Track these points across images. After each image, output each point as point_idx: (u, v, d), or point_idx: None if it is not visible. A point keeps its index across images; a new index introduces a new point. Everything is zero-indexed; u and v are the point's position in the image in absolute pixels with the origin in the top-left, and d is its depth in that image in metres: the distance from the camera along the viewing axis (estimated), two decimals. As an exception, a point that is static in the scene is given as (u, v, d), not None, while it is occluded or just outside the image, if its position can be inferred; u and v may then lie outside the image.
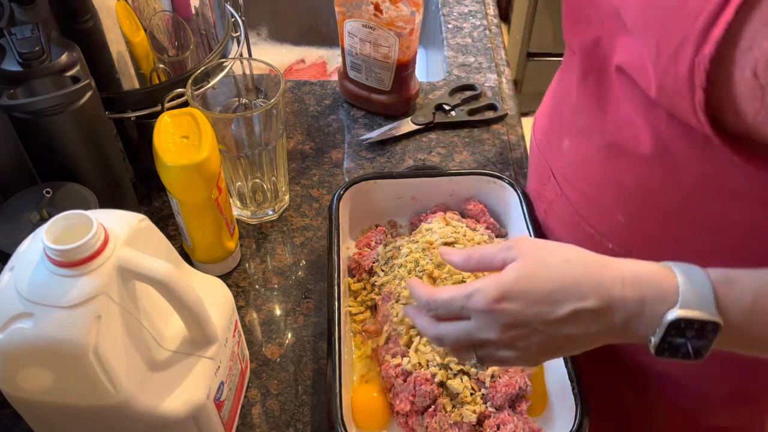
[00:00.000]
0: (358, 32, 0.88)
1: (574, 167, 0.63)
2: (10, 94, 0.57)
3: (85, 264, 0.44)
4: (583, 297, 0.46)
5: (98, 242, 0.44)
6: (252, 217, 0.82)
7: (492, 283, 0.47)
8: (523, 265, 0.48)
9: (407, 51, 0.88)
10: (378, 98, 0.94)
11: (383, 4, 0.84)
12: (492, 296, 0.47)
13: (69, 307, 0.44)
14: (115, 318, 0.46)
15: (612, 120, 0.56)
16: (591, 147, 0.59)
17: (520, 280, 0.47)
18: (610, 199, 0.59)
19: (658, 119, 0.50)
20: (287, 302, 0.74)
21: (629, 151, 0.54)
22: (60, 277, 0.44)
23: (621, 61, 0.51)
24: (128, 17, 0.68)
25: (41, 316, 0.44)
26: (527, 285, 0.47)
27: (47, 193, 0.59)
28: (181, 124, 0.65)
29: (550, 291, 0.46)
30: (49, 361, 0.46)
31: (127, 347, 0.48)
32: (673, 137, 0.50)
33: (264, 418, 0.65)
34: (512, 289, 0.47)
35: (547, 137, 0.70)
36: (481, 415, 0.59)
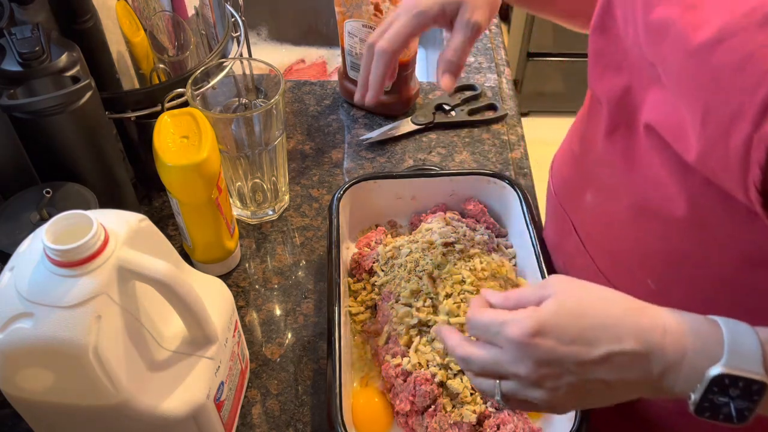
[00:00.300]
0: (358, 32, 0.88)
1: (599, 225, 0.60)
2: (10, 94, 0.57)
3: (85, 264, 0.44)
4: (620, 339, 0.43)
5: (98, 242, 0.44)
6: (252, 217, 0.82)
7: (529, 315, 0.45)
8: (561, 301, 0.46)
9: (407, 51, 0.88)
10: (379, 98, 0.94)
11: (383, 4, 0.83)
12: (528, 329, 0.44)
13: (69, 307, 0.43)
14: (115, 318, 0.46)
15: (641, 179, 0.52)
16: (618, 206, 0.56)
17: (556, 316, 0.45)
18: (639, 264, 0.56)
19: (693, 184, 0.47)
20: (287, 302, 0.74)
21: (660, 214, 0.51)
22: (60, 277, 0.44)
23: (652, 119, 0.48)
24: (128, 17, 0.68)
25: (41, 316, 0.44)
26: (564, 321, 0.44)
27: (47, 193, 0.59)
28: (181, 124, 0.65)
29: (587, 329, 0.44)
30: (49, 361, 0.45)
31: (127, 347, 0.48)
32: (711, 204, 0.46)
33: (264, 418, 0.65)
34: (548, 323, 0.44)
35: (567, 187, 0.66)
36: (481, 415, 0.59)
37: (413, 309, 0.64)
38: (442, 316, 0.63)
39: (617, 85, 0.53)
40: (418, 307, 0.64)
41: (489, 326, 0.47)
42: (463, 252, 0.68)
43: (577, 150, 0.65)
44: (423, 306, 0.64)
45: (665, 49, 0.44)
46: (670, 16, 0.43)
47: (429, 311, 0.64)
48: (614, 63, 0.53)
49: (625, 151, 0.54)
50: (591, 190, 0.61)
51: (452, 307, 0.63)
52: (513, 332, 0.45)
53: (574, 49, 2.22)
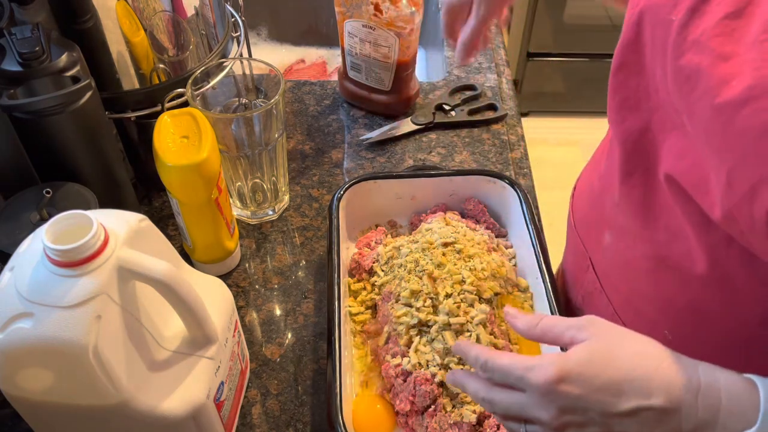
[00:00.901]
0: (358, 32, 0.88)
1: (617, 268, 0.59)
2: (10, 94, 0.57)
3: (85, 264, 0.44)
4: (650, 394, 0.41)
5: (98, 242, 0.44)
6: (252, 217, 0.82)
7: (555, 361, 0.43)
8: (592, 348, 0.43)
9: (407, 51, 0.88)
10: (378, 98, 0.94)
11: (383, 4, 0.83)
12: (553, 375, 0.43)
13: (69, 307, 0.43)
14: (115, 318, 0.46)
15: (661, 230, 0.51)
16: (636, 253, 0.55)
17: (585, 364, 0.43)
18: (656, 313, 0.55)
19: (715, 240, 0.46)
20: (287, 302, 0.74)
21: (681, 267, 0.50)
22: (60, 277, 0.44)
23: (673, 170, 0.46)
24: (128, 17, 0.68)
25: (41, 316, 0.44)
26: (592, 371, 0.43)
27: (47, 193, 0.59)
28: (181, 124, 0.65)
29: (616, 381, 0.42)
30: (49, 361, 0.46)
31: (127, 347, 0.48)
32: (734, 260, 0.45)
33: (264, 418, 0.65)
34: (575, 371, 0.43)
35: (586, 222, 0.65)
36: (481, 415, 0.59)
37: (413, 309, 0.64)
38: (442, 316, 0.63)
39: (634, 126, 0.51)
40: (418, 307, 0.64)
41: (510, 369, 0.45)
42: (463, 252, 0.68)
43: (596, 187, 0.63)
44: (423, 306, 0.64)
45: (693, 99, 0.41)
46: (699, 64, 0.40)
47: (429, 311, 0.64)
48: (632, 102, 0.50)
49: (643, 198, 0.52)
50: (609, 231, 0.59)
51: (452, 307, 0.63)
52: (537, 378, 0.43)
53: (574, 49, 2.22)
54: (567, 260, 0.72)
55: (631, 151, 0.52)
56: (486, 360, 0.47)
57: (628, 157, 0.53)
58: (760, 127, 0.36)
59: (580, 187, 0.69)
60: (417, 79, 0.96)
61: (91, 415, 0.49)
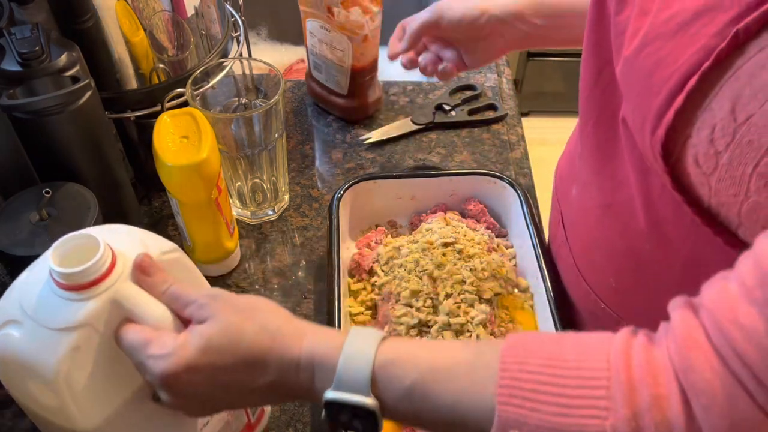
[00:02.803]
0: (317, 32, 0.88)
1: (578, 218, 0.62)
2: (10, 94, 0.57)
3: (82, 291, 0.43)
4: (263, 373, 0.44)
5: (97, 272, 0.43)
6: (252, 217, 0.82)
7: (175, 352, 0.44)
8: (210, 333, 0.44)
9: (362, 58, 0.87)
10: (336, 101, 0.94)
11: (335, 8, 0.83)
12: (169, 369, 0.43)
13: (54, 329, 0.43)
14: (96, 350, 0.45)
15: (609, 179, 0.53)
16: (591, 202, 0.57)
17: (201, 353, 0.44)
18: (604, 260, 0.57)
19: (651, 185, 0.48)
20: (287, 302, 0.74)
21: (623, 215, 0.52)
22: (57, 297, 0.43)
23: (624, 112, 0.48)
24: (128, 17, 0.68)
25: (28, 329, 0.43)
26: (207, 360, 0.44)
27: (47, 193, 0.59)
28: (181, 124, 0.65)
29: (234, 367, 0.44)
30: (27, 374, 0.45)
31: (106, 382, 0.46)
32: (664, 209, 0.47)
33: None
34: (192, 363, 0.43)
35: (562, 181, 0.68)
36: (481, 416, 0.59)
37: (413, 309, 0.64)
38: (442, 316, 0.63)
39: (589, 78, 0.54)
40: (418, 307, 0.64)
41: (133, 353, 0.45)
42: (463, 252, 0.68)
43: (570, 145, 0.67)
44: (423, 306, 0.64)
45: (618, 55, 0.45)
46: (628, 19, 0.44)
47: (429, 311, 0.64)
48: (589, 53, 0.53)
49: (596, 147, 0.55)
50: (576, 185, 0.62)
51: (452, 307, 0.63)
52: (154, 368, 0.44)
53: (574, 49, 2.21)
54: (549, 222, 0.76)
55: (586, 100, 0.55)
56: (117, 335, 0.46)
57: (584, 105, 0.56)
58: (647, 69, 0.40)
59: (561, 158, 0.73)
60: (380, 86, 0.95)
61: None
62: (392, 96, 0.99)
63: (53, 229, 0.58)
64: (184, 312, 0.46)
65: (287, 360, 0.44)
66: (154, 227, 0.80)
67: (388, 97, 0.99)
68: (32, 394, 0.46)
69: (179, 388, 0.45)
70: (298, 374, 0.44)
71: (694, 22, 0.37)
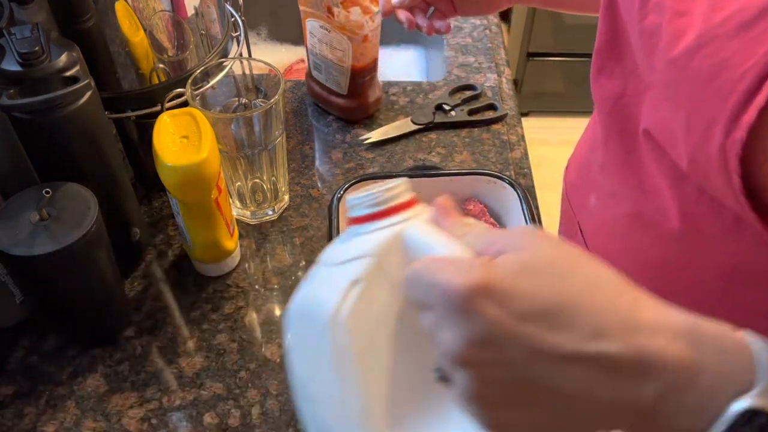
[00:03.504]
0: (316, 32, 0.88)
1: (600, 228, 0.60)
2: (9, 94, 0.57)
3: (373, 220, 0.37)
4: (601, 334, 0.30)
5: (392, 199, 0.38)
6: (252, 217, 0.82)
7: (479, 264, 0.32)
8: (527, 262, 0.32)
9: (362, 58, 0.87)
10: (336, 101, 0.94)
11: (334, 8, 0.83)
12: (470, 282, 0.30)
13: (337, 264, 0.37)
14: (379, 294, 0.36)
15: (637, 188, 0.52)
16: (618, 212, 0.56)
17: (515, 277, 0.31)
18: (634, 270, 0.50)
19: (686, 193, 0.46)
20: (287, 302, 0.74)
21: (654, 223, 0.50)
22: (348, 237, 0.38)
23: (649, 124, 0.47)
24: (128, 17, 0.68)
25: (317, 275, 0.38)
26: (523, 288, 0.31)
27: (47, 193, 0.59)
28: (181, 124, 0.65)
29: (553, 309, 0.30)
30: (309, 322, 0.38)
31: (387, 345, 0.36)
32: (703, 215, 0.46)
33: (264, 418, 0.65)
34: (500, 285, 0.30)
35: (575, 190, 0.67)
36: (481, 416, 0.59)
37: (413, 309, 0.64)
38: (442, 316, 0.63)
39: (610, 91, 0.53)
40: (418, 307, 0.64)
41: (421, 274, 0.33)
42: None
43: (585, 153, 0.65)
44: (423, 306, 0.64)
45: (655, 57, 0.44)
46: (659, 23, 0.42)
47: (429, 311, 0.64)
48: (608, 69, 0.53)
49: (621, 158, 0.54)
50: (595, 194, 0.61)
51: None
52: (449, 281, 0.31)
53: (574, 49, 2.22)
54: (559, 231, 0.75)
55: (608, 114, 0.54)
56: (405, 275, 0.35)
57: (606, 119, 0.54)
58: (707, 71, 0.37)
59: (571, 160, 0.72)
60: (380, 86, 0.95)
61: None
62: (392, 96, 0.99)
63: (53, 229, 0.58)
64: (490, 249, 0.34)
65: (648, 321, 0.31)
66: (154, 227, 0.80)
67: (388, 97, 0.99)
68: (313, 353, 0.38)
69: (470, 322, 0.30)
70: (670, 344, 0.30)
71: (758, 21, 0.35)
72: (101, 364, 0.68)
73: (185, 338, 0.70)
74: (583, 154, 0.66)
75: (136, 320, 0.72)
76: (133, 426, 0.63)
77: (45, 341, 0.69)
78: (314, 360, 0.38)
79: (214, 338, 0.70)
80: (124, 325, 0.71)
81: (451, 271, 0.31)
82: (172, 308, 0.73)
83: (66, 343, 0.69)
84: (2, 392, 0.65)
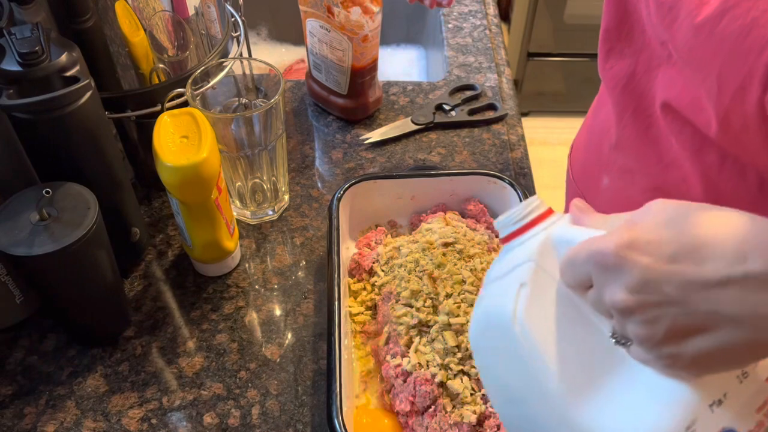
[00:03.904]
0: (316, 32, 0.88)
1: (616, 207, 0.60)
2: (9, 94, 0.57)
3: (521, 234, 0.41)
4: (743, 257, 0.32)
5: (532, 212, 0.42)
6: (252, 217, 0.82)
7: (620, 227, 0.36)
8: (659, 216, 0.36)
9: (361, 57, 0.87)
10: (336, 101, 0.94)
11: (334, 8, 0.83)
12: (617, 240, 0.35)
13: (503, 275, 0.41)
14: (544, 289, 0.40)
15: (656, 162, 0.53)
16: (634, 188, 0.56)
17: (654, 230, 0.35)
18: None
19: (709, 162, 0.47)
20: (287, 302, 0.74)
21: (676, 194, 0.49)
22: (504, 254, 0.43)
23: (668, 97, 0.48)
24: (128, 17, 0.68)
25: (487, 292, 0.43)
26: (663, 236, 0.34)
27: (47, 193, 0.59)
28: (181, 124, 0.65)
29: (695, 246, 0.33)
30: (494, 333, 0.42)
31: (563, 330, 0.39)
32: (726, 181, 0.46)
33: (264, 418, 0.65)
34: (643, 238, 0.35)
35: (585, 172, 0.68)
36: (481, 416, 0.59)
37: (413, 309, 0.64)
38: (442, 316, 0.63)
39: (622, 71, 0.54)
40: (418, 307, 0.64)
41: (576, 253, 0.38)
42: (463, 252, 0.68)
43: (593, 135, 0.66)
44: (423, 306, 0.64)
45: (676, 27, 0.45)
46: None
47: (429, 311, 0.64)
48: (617, 49, 0.54)
49: (637, 135, 0.55)
50: (607, 174, 0.62)
51: (452, 308, 0.63)
52: (600, 246, 0.36)
53: (574, 49, 2.22)
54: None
55: (621, 94, 0.55)
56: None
57: (619, 99, 0.55)
58: (738, 30, 0.39)
59: (576, 144, 0.72)
60: (380, 86, 0.95)
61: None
62: (392, 96, 0.99)
63: (53, 229, 0.58)
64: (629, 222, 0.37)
65: None
66: (154, 227, 0.80)
67: (388, 97, 0.99)
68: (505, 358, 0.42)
69: (625, 275, 0.34)
70: None
71: None
72: (101, 364, 0.68)
73: (185, 338, 0.70)
74: (592, 136, 0.66)
75: (136, 320, 0.72)
76: (133, 426, 0.63)
77: (45, 341, 0.69)
78: (508, 364, 0.42)
79: (214, 338, 0.70)
80: (124, 325, 0.71)
81: (598, 240, 0.36)
82: (172, 308, 0.73)
83: (66, 343, 0.69)
84: (2, 392, 0.65)
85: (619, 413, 0.37)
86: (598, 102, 0.67)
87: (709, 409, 0.35)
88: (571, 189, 0.72)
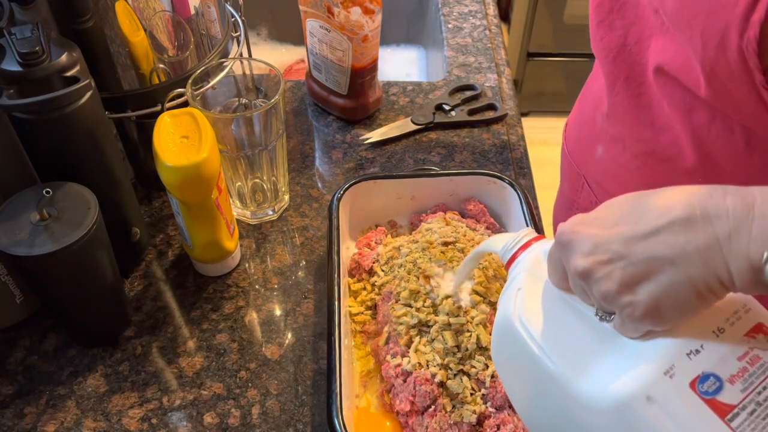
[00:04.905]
0: (316, 32, 0.88)
1: (609, 175, 0.63)
2: (10, 94, 0.57)
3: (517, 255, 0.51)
4: (667, 209, 0.38)
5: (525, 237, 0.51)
6: (252, 217, 0.82)
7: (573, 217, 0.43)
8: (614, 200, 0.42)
9: (362, 58, 0.87)
10: (336, 101, 0.94)
11: (334, 8, 0.83)
12: (569, 222, 0.42)
13: (509, 291, 0.49)
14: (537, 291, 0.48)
15: (648, 127, 0.55)
16: (627, 155, 0.58)
17: (600, 209, 0.42)
18: None
19: (698, 121, 0.50)
20: (287, 302, 0.74)
21: (668, 158, 0.53)
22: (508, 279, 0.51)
23: (660, 61, 0.51)
24: (128, 17, 0.68)
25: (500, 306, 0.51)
26: (608, 211, 0.41)
27: (47, 193, 0.59)
28: (181, 124, 0.65)
29: (630, 210, 0.40)
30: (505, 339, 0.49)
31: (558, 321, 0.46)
32: (715, 139, 0.49)
33: (264, 418, 0.65)
34: (591, 215, 0.42)
35: (579, 144, 0.69)
36: (481, 415, 0.59)
37: (413, 309, 0.64)
38: (442, 316, 0.63)
39: (613, 42, 0.56)
40: (417, 307, 0.64)
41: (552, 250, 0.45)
42: (464, 252, 0.68)
43: (587, 108, 0.68)
44: (423, 306, 0.64)
45: None
46: None
47: (429, 311, 0.64)
48: (608, 21, 0.56)
49: (629, 101, 0.57)
50: (601, 144, 0.64)
51: (452, 308, 0.63)
52: (560, 230, 0.43)
53: (574, 49, 2.22)
54: (562, 192, 0.77)
55: (612, 63, 0.57)
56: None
57: (610, 69, 0.58)
58: None
59: (571, 120, 0.74)
60: (380, 86, 0.95)
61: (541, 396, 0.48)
62: (392, 96, 0.99)
63: (53, 229, 0.58)
64: None
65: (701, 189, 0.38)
66: (154, 227, 0.80)
67: (388, 97, 0.99)
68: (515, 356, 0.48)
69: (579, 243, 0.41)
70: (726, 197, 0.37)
71: None
72: (101, 364, 0.68)
73: (185, 338, 0.70)
74: (585, 109, 0.68)
75: (136, 320, 0.72)
76: (133, 426, 0.63)
77: (45, 341, 0.70)
78: (519, 360, 0.47)
79: (214, 338, 0.70)
80: (124, 325, 0.71)
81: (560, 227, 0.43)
82: (172, 308, 0.73)
83: (66, 343, 0.69)
84: (2, 392, 0.65)
85: (609, 376, 0.41)
86: (591, 77, 0.69)
87: (686, 357, 0.39)
88: (565, 162, 0.74)
